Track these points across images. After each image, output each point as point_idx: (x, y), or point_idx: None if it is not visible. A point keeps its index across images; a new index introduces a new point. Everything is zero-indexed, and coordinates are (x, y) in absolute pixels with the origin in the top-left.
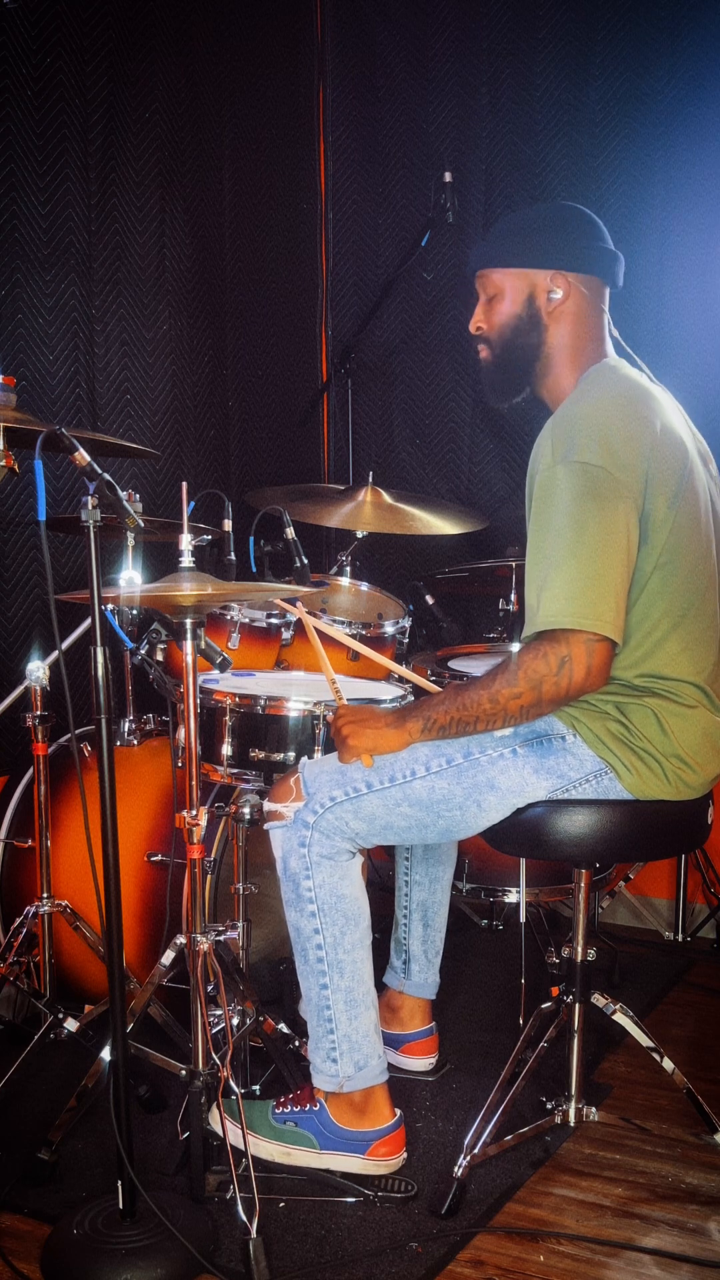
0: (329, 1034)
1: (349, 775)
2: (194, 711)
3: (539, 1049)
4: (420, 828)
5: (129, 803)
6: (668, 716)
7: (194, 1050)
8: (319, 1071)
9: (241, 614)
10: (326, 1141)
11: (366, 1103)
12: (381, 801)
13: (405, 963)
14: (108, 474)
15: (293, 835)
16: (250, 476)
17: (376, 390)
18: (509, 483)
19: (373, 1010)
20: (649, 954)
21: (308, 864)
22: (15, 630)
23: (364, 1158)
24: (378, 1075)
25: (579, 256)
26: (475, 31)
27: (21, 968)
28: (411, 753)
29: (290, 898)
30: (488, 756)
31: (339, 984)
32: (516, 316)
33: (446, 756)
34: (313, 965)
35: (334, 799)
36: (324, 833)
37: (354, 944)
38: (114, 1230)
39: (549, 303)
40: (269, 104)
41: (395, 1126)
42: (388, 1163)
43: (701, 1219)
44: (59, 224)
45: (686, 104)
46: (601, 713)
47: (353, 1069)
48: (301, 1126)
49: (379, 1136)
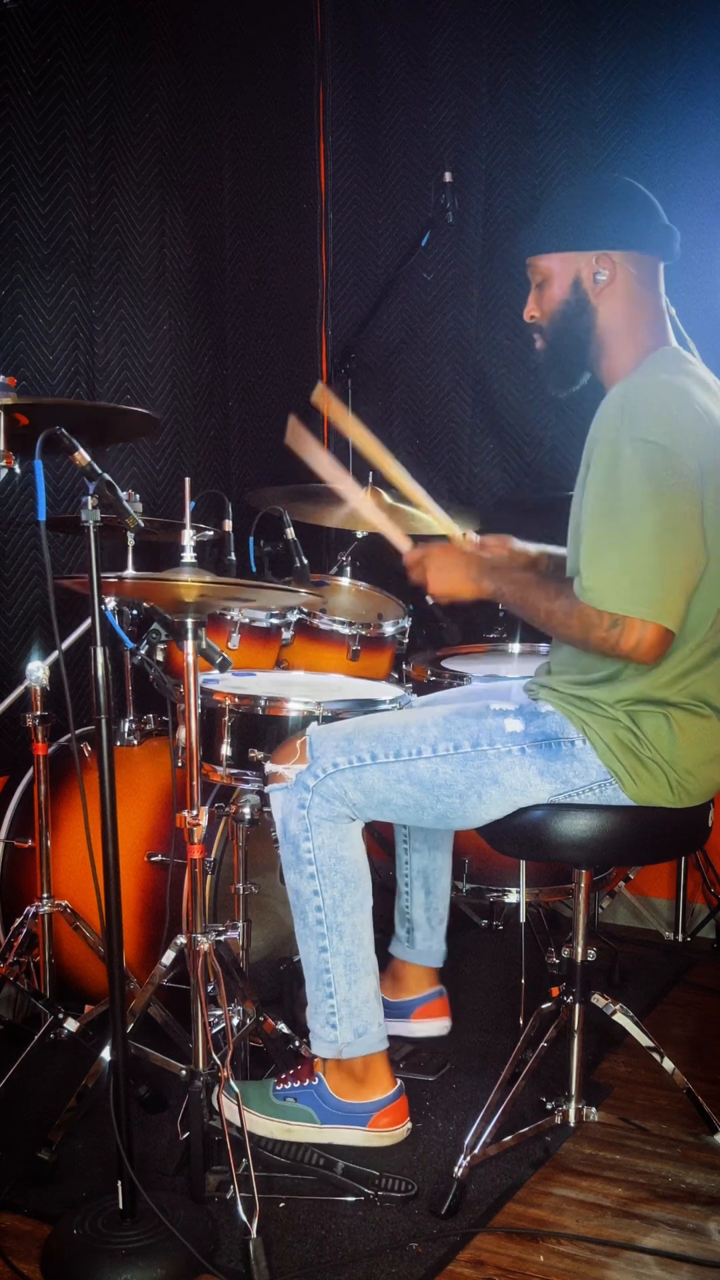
0: (328, 998)
1: (355, 744)
2: (194, 711)
3: (539, 1049)
4: (417, 808)
5: (129, 803)
6: (681, 722)
7: (194, 1050)
8: (317, 1037)
9: (241, 614)
10: (327, 1115)
11: (366, 1072)
12: (384, 775)
13: (409, 931)
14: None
15: (293, 797)
16: (250, 476)
17: (376, 390)
18: (509, 483)
19: (373, 977)
20: (649, 954)
21: (307, 825)
22: (15, 630)
23: (366, 1129)
24: (377, 1043)
25: (624, 234)
26: (475, 31)
27: (21, 968)
28: (421, 731)
29: (289, 860)
30: (496, 751)
31: (338, 947)
32: (565, 301)
33: (455, 743)
34: (312, 928)
35: (337, 765)
36: (324, 797)
37: (354, 907)
38: (114, 1230)
39: (595, 284)
40: (269, 104)
41: (396, 1096)
42: (391, 1133)
43: (701, 1219)
44: (59, 224)
45: (686, 104)
46: (613, 719)
47: (352, 1035)
48: (301, 1102)
49: (379, 1107)
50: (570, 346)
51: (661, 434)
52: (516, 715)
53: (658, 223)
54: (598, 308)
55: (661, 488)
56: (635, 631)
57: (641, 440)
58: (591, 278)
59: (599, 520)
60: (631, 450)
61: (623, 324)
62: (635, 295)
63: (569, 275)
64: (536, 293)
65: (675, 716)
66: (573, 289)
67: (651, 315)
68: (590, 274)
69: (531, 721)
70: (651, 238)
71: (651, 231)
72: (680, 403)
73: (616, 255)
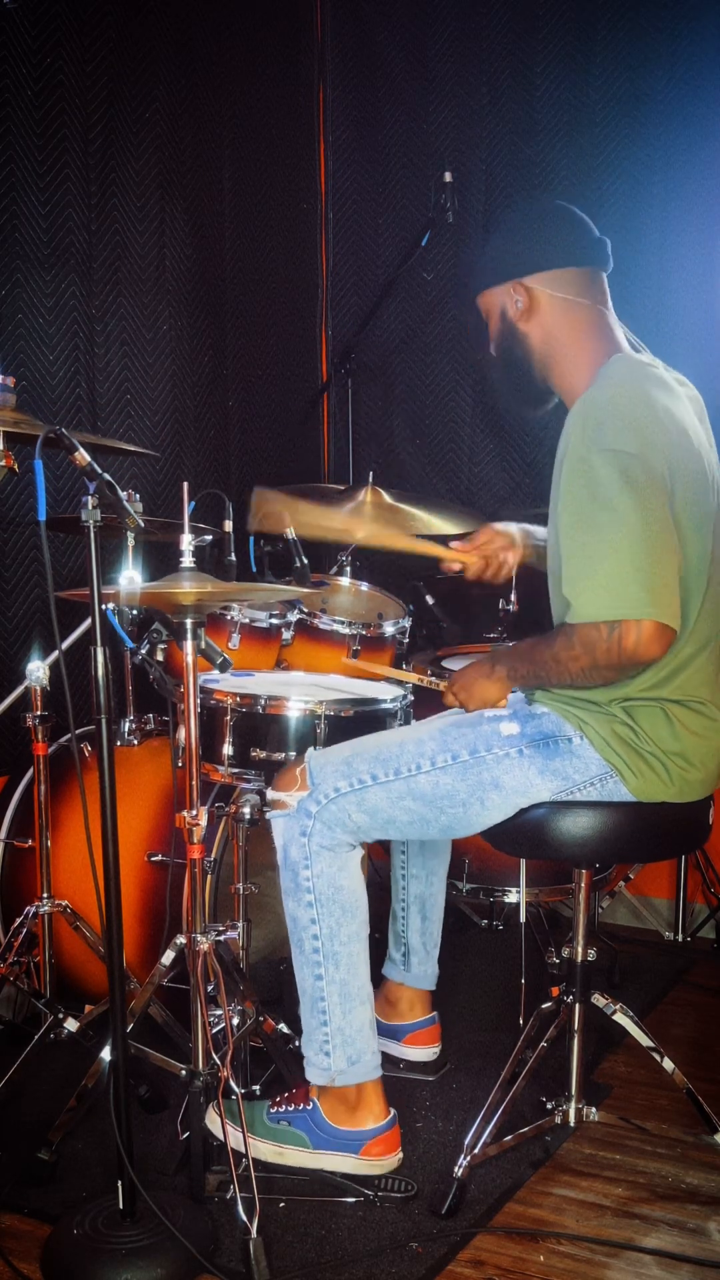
0: (322, 1026)
1: (354, 767)
2: (194, 711)
3: (539, 1049)
4: (422, 823)
5: (129, 803)
6: (680, 716)
7: (194, 1050)
8: (311, 1065)
9: (242, 614)
10: (319, 1140)
11: (359, 1099)
12: (385, 794)
13: (404, 955)
14: (108, 474)
15: (294, 824)
16: (250, 476)
17: (376, 390)
18: (509, 483)
19: (368, 1005)
20: (649, 954)
21: (308, 853)
22: (15, 630)
23: (357, 1157)
24: (371, 1071)
25: (541, 257)
26: (475, 31)
27: (21, 968)
28: (419, 747)
29: (289, 887)
30: (494, 755)
31: (334, 976)
32: (500, 333)
33: (452, 753)
34: (308, 956)
35: (338, 790)
36: (326, 823)
37: (350, 936)
38: (114, 1230)
39: (517, 310)
40: (269, 104)
41: (389, 1126)
42: (382, 1163)
43: (701, 1219)
44: (59, 224)
45: (686, 104)
46: (609, 715)
47: (345, 1063)
48: (294, 1126)
49: (371, 1136)
50: (517, 373)
51: (629, 442)
52: (512, 718)
53: (579, 236)
54: (527, 333)
55: (638, 492)
56: (632, 631)
57: (610, 450)
58: (513, 305)
59: (580, 535)
60: (602, 461)
61: (559, 339)
62: (563, 310)
63: (497, 308)
64: (488, 330)
65: (673, 711)
66: (501, 320)
67: (592, 325)
68: (512, 302)
69: (528, 723)
70: (574, 251)
71: (568, 248)
72: (641, 407)
73: (530, 280)
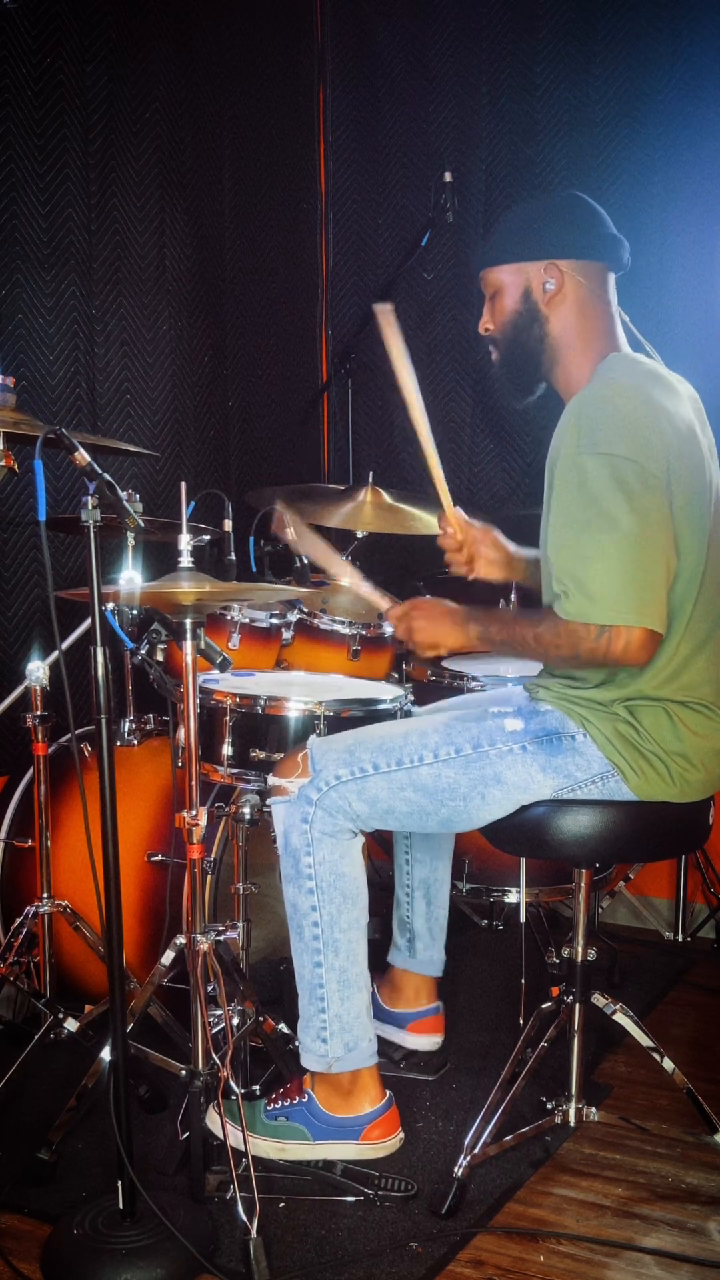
0: (320, 1013)
1: (356, 755)
2: (194, 711)
3: (539, 1049)
4: (421, 815)
5: (129, 803)
6: (682, 716)
7: (194, 1050)
8: (308, 1051)
9: (241, 614)
10: (318, 1131)
11: (354, 1085)
12: (386, 784)
13: (410, 940)
14: (107, 474)
15: (295, 811)
16: (250, 476)
17: (376, 390)
18: (509, 483)
19: (365, 993)
20: (649, 954)
21: (309, 840)
22: (15, 630)
23: (359, 1143)
24: (367, 1058)
25: (573, 244)
26: (475, 31)
27: (21, 968)
28: (422, 738)
29: (289, 873)
30: (497, 750)
31: (333, 963)
32: (516, 312)
33: (456, 746)
34: (308, 943)
35: (339, 778)
36: (327, 810)
37: (350, 923)
38: (114, 1230)
39: (545, 294)
40: (269, 104)
41: (386, 1107)
42: (384, 1144)
43: (701, 1219)
44: (59, 224)
45: (686, 104)
46: (611, 714)
47: (342, 1050)
48: (293, 1119)
49: (370, 1120)
50: (523, 357)
51: (624, 445)
52: (516, 715)
53: (604, 232)
54: (548, 316)
55: (631, 496)
56: (621, 637)
57: (605, 454)
58: (541, 287)
59: (572, 537)
60: (594, 464)
61: (574, 332)
62: (585, 303)
63: (519, 286)
64: (490, 305)
65: (676, 711)
66: (523, 299)
67: (603, 324)
68: (540, 283)
69: (531, 719)
70: (599, 247)
71: (599, 241)
72: (637, 406)
73: (564, 264)
